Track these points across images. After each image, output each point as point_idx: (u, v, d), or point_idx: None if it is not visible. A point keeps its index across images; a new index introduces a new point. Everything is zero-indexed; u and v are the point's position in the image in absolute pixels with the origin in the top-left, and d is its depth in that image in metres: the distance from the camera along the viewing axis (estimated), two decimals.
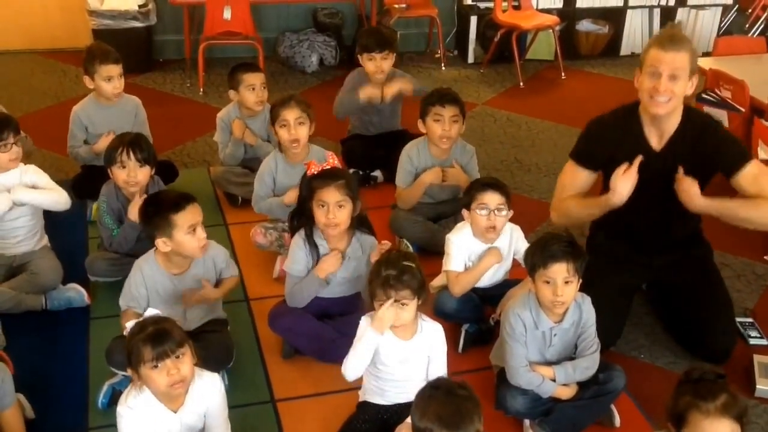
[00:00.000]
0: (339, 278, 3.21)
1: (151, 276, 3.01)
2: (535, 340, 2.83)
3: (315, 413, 3.00)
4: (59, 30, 6.67)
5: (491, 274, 3.36)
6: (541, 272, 2.72)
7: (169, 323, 2.42)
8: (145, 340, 2.33)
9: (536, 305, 2.80)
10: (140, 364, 2.35)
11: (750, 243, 4.16)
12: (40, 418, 2.88)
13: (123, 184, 3.51)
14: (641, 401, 3.09)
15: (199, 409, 2.52)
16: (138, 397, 2.44)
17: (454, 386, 2.17)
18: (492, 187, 3.27)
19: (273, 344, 3.32)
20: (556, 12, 6.80)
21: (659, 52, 3.03)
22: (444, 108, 3.83)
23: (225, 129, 4.38)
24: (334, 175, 3.11)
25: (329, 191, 3.05)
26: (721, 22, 7.20)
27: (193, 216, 2.94)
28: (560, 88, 6.54)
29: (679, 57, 3.01)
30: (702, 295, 3.34)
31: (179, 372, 2.36)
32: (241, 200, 4.38)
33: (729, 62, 4.76)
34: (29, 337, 3.35)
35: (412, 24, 7.01)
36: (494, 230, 3.26)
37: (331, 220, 3.06)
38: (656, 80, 3.03)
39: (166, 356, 2.34)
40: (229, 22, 5.90)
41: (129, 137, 3.55)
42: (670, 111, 3.10)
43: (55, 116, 5.47)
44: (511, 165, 5.09)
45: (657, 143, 3.21)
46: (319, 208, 3.06)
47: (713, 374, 2.22)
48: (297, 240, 3.18)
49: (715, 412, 2.12)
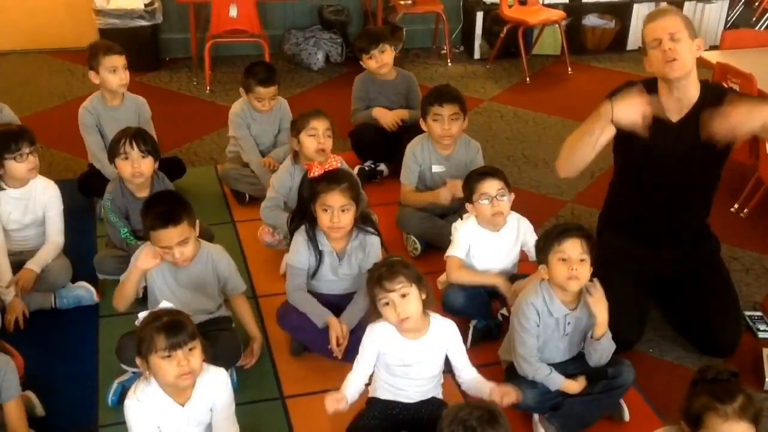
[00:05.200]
0: (341, 274, 3.22)
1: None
2: (548, 328, 2.83)
3: (324, 410, 2.99)
4: (66, 30, 6.68)
5: (498, 266, 3.37)
6: (555, 249, 2.72)
7: (183, 316, 2.45)
8: (159, 328, 2.35)
9: (549, 292, 2.79)
10: (151, 352, 2.36)
11: (759, 236, 4.15)
12: (50, 416, 2.89)
13: (129, 176, 3.51)
14: (650, 396, 3.08)
15: (206, 403, 2.53)
16: (145, 389, 2.45)
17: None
18: (488, 175, 3.30)
19: (282, 341, 3.32)
20: (562, 7, 6.78)
21: (651, 24, 3.13)
22: (442, 107, 3.83)
23: (241, 124, 4.39)
24: (339, 178, 3.10)
25: (333, 195, 3.04)
26: (728, 16, 7.17)
27: (167, 239, 2.91)
28: (567, 83, 6.53)
29: (669, 20, 3.09)
30: (708, 288, 3.33)
31: (189, 364, 2.38)
32: (248, 198, 4.39)
33: (736, 56, 4.74)
34: (39, 336, 3.37)
35: (418, 20, 7.00)
36: (501, 215, 3.27)
37: (335, 224, 3.06)
38: (660, 48, 3.08)
39: (178, 347, 2.35)
40: (235, 19, 5.91)
41: (132, 130, 3.58)
42: (687, 72, 3.11)
43: (63, 116, 5.48)
44: (518, 160, 5.08)
45: (675, 116, 3.21)
46: (323, 211, 3.06)
47: (727, 372, 2.21)
48: (299, 236, 3.19)
49: (733, 415, 2.11)
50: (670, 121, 3.21)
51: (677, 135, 3.19)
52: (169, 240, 2.90)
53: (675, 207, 3.31)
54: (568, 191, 4.69)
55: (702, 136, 2.96)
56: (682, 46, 3.07)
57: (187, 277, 3.05)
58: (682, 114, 3.21)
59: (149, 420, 2.46)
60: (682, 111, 3.21)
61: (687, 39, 3.08)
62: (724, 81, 4.49)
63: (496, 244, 3.35)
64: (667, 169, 3.22)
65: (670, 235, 3.37)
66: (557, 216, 4.41)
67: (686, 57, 3.08)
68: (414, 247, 3.95)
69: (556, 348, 2.88)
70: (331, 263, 3.20)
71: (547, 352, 2.87)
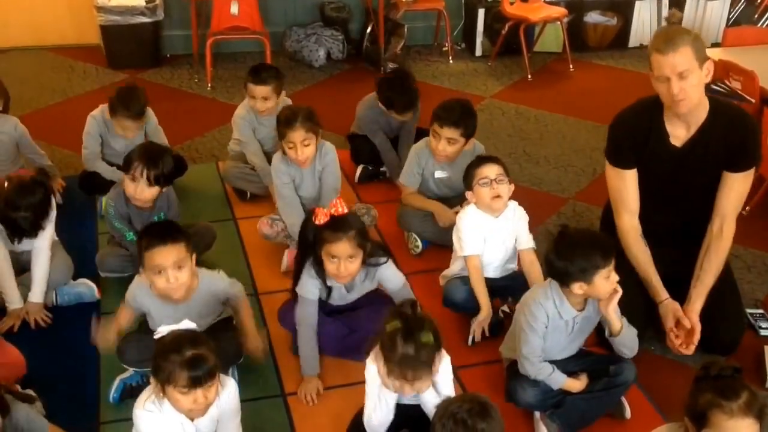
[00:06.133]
0: (348, 298, 3.18)
1: (145, 303, 2.95)
2: (557, 330, 2.82)
3: (325, 407, 3.00)
4: (67, 26, 6.69)
5: (499, 262, 3.37)
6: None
7: (206, 350, 2.35)
8: (182, 365, 2.30)
9: (559, 295, 2.77)
10: (170, 384, 2.33)
11: (760, 234, 4.15)
12: (51, 413, 2.88)
13: (129, 195, 3.49)
14: (651, 393, 3.08)
15: (214, 414, 2.52)
16: (158, 404, 2.42)
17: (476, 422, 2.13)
18: (487, 160, 3.34)
19: (283, 338, 3.32)
20: (564, 4, 6.77)
21: (659, 57, 3.00)
22: (441, 129, 3.78)
23: (246, 126, 4.36)
24: (345, 226, 2.92)
25: (340, 245, 2.89)
26: (730, 13, 7.15)
27: (161, 257, 2.75)
28: (569, 80, 6.52)
29: (679, 56, 2.96)
30: None
31: (206, 400, 2.37)
32: (249, 195, 4.39)
33: (738, 53, 4.72)
34: (40, 333, 3.37)
35: (420, 17, 6.98)
36: (500, 198, 3.26)
37: (342, 273, 2.95)
38: (668, 84, 3.01)
39: (198, 385, 2.32)
40: (236, 17, 5.91)
41: (150, 152, 3.50)
42: (696, 104, 3.08)
43: (64, 113, 5.50)
44: (519, 158, 5.08)
45: (684, 136, 3.19)
46: (329, 260, 2.93)
47: (731, 368, 2.21)
48: (306, 274, 3.06)
49: (738, 412, 2.11)
50: (674, 147, 3.21)
51: (683, 159, 3.19)
52: (165, 259, 2.75)
53: (677, 210, 3.31)
54: (570, 189, 4.69)
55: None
56: (690, 82, 2.99)
57: (187, 312, 2.85)
58: (690, 135, 3.19)
59: (160, 430, 2.44)
60: (690, 132, 3.18)
61: (696, 71, 2.99)
62: (726, 78, 4.49)
63: (495, 230, 3.33)
64: (673, 191, 3.22)
65: (671, 234, 3.36)
66: (559, 213, 4.40)
67: (694, 93, 3.03)
68: (415, 245, 3.95)
69: (558, 345, 2.87)
70: (340, 295, 3.15)
71: (548, 349, 2.87)
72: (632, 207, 3.31)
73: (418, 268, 3.81)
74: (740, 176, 3.20)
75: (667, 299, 3.20)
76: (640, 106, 3.29)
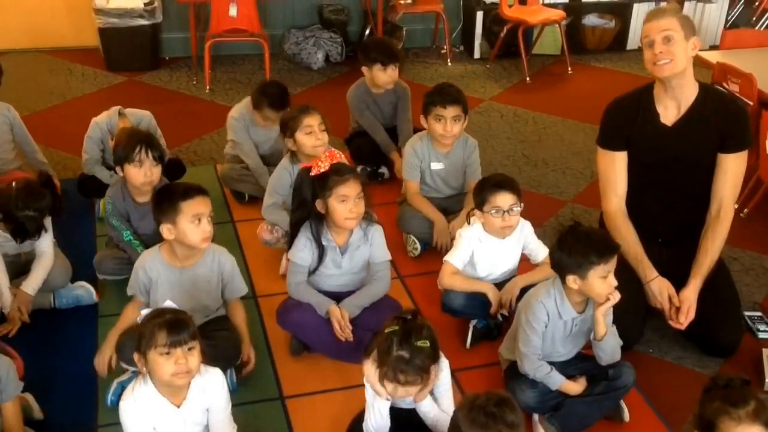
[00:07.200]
0: (344, 269, 3.21)
1: (154, 268, 3.01)
2: (556, 330, 2.83)
3: (324, 410, 3.00)
4: (65, 29, 6.69)
5: (500, 269, 3.36)
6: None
7: (186, 315, 2.44)
8: (161, 325, 2.35)
9: (561, 294, 2.79)
10: (151, 347, 2.35)
11: (759, 237, 4.15)
12: (49, 416, 2.88)
13: (140, 183, 3.49)
14: (650, 396, 3.08)
15: (202, 404, 2.52)
16: (140, 389, 2.44)
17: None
18: (503, 187, 3.20)
19: (281, 341, 3.32)
20: (562, 6, 6.78)
21: (648, 24, 3.16)
22: (446, 109, 3.81)
23: (241, 128, 4.36)
24: (349, 168, 3.12)
25: (350, 185, 3.04)
26: (728, 16, 7.16)
27: (199, 206, 2.93)
28: (567, 82, 6.53)
29: (665, 21, 3.12)
30: (708, 289, 3.32)
31: (187, 363, 2.37)
32: (248, 197, 4.38)
33: (736, 55, 4.73)
34: (37, 335, 3.36)
35: (418, 19, 6.99)
36: (510, 228, 3.26)
37: (353, 213, 3.06)
38: (652, 49, 3.12)
39: (178, 345, 2.35)
40: (234, 19, 5.90)
41: (142, 136, 3.55)
42: (677, 73, 3.14)
43: (62, 115, 5.49)
44: (518, 160, 5.08)
45: (674, 116, 3.24)
46: (340, 203, 3.05)
47: (740, 380, 2.22)
48: (302, 235, 3.16)
49: (746, 418, 2.11)
50: (665, 126, 3.24)
51: (673, 138, 3.22)
52: (205, 206, 2.94)
53: (674, 207, 3.32)
54: (568, 191, 4.69)
55: None
56: (675, 47, 3.10)
57: (192, 279, 3.03)
58: (678, 116, 3.23)
59: (144, 421, 2.44)
60: (679, 111, 3.23)
61: (681, 39, 3.10)
62: (724, 81, 4.49)
63: (499, 250, 3.33)
64: (665, 172, 3.24)
65: (669, 234, 3.37)
66: (557, 216, 4.40)
67: (677, 57, 3.11)
68: (414, 247, 3.95)
69: (557, 346, 2.88)
70: (333, 258, 3.19)
71: (546, 350, 2.87)
72: (620, 190, 3.37)
73: (416, 271, 3.81)
74: (733, 157, 3.23)
75: (657, 277, 3.22)
76: (632, 91, 3.38)
